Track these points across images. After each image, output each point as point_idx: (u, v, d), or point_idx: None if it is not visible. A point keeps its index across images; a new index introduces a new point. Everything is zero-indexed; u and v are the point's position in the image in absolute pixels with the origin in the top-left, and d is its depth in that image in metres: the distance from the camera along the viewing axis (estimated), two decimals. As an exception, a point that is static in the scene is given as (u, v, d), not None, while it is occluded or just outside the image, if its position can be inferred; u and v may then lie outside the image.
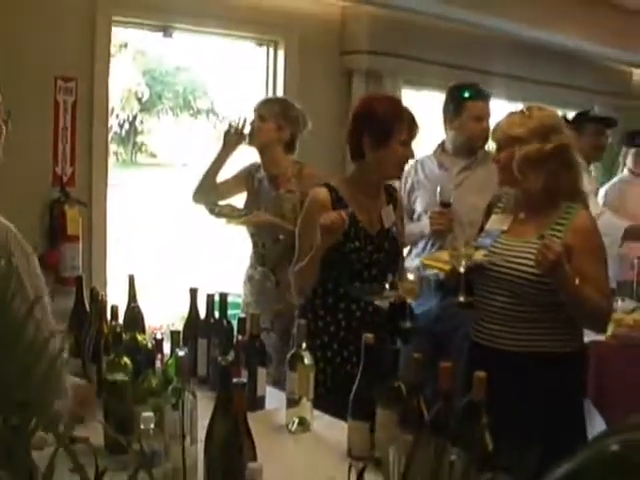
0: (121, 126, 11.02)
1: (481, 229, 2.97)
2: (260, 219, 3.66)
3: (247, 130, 3.78)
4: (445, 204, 3.63)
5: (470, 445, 1.64)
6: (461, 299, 2.81)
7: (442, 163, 3.92)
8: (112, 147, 10.84)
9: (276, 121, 3.69)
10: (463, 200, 3.69)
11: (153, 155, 11.99)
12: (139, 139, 11.82)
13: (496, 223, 2.89)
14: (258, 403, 2.60)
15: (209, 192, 3.79)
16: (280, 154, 3.77)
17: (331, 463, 2.12)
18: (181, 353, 2.11)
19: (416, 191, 3.94)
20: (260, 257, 3.77)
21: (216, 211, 3.73)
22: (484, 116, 3.83)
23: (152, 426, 1.90)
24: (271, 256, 3.72)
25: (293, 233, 3.48)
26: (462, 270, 2.75)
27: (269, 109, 3.70)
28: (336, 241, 2.86)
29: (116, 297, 2.91)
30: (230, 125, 3.80)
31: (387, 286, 2.91)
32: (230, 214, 3.72)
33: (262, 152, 3.77)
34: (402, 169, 3.09)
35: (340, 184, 3.04)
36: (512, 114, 2.81)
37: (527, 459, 0.95)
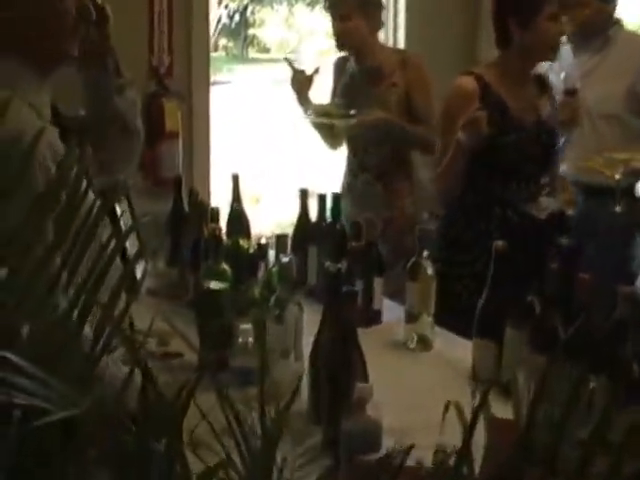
0: (231, 18, 10.99)
1: None
2: (377, 118, 3.37)
3: (309, 71, 3.59)
4: (569, 92, 3.43)
5: (614, 371, 1.54)
6: (617, 209, 2.68)
7: (575, 50, 3.72)
8: (221, 41, 10.87)
9: (360, 13, 3.39)
10: (592, 88, 3.46)
11: (266, 49, 11.96)
12: (250, 32, 11.77)
13: None
14: (374, 317, 2.56)
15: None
16: (375, 44, 3.53)
17: (452, 385, 2.06)
18: (285, 259, 2.09)
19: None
20: (362, 163, 3.58)
21: (316, 110, 3.50)
22: None
23: (251, 340, 1.92)
24: (375, 161, 3.51)
25: (411, 133, 3.32)
26: (617, 177, 2.62)
27: (344, 3, 3.41)
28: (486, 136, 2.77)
29: (219, 201, 2.89)
30: (292, 71, 3.59)
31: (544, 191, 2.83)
32: (335, 113, 3.42)
33: (356, 49, 3.53)
34: (555, 50, 2.96)
35: (486, 71, 2.95)
36: None
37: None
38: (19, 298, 1.02)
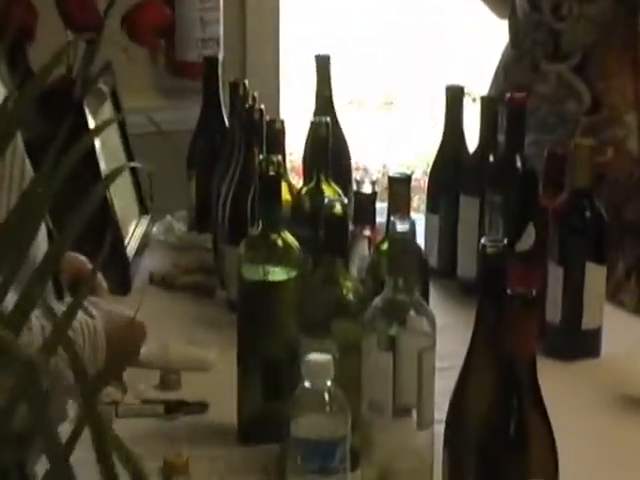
0: None
1: None
2: None
3: None
4: None
5: None
6: None
7: None
8: None
9: None
10: None
11: None
12: None
13: None
14: (584, 341, 2.63)
15: None
16: None
17: None
18: (403, 226, 2.00)
19: None
20: (551, 39, 3.48)
21: None
22: None
23: (329, 383, 1.88)
24: (581, 38, 3.44)
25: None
26: None
27: None
28: None
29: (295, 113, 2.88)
30: None
31: None
32: None
33: None
34: None
35: None
36: None
37: None
38: None
